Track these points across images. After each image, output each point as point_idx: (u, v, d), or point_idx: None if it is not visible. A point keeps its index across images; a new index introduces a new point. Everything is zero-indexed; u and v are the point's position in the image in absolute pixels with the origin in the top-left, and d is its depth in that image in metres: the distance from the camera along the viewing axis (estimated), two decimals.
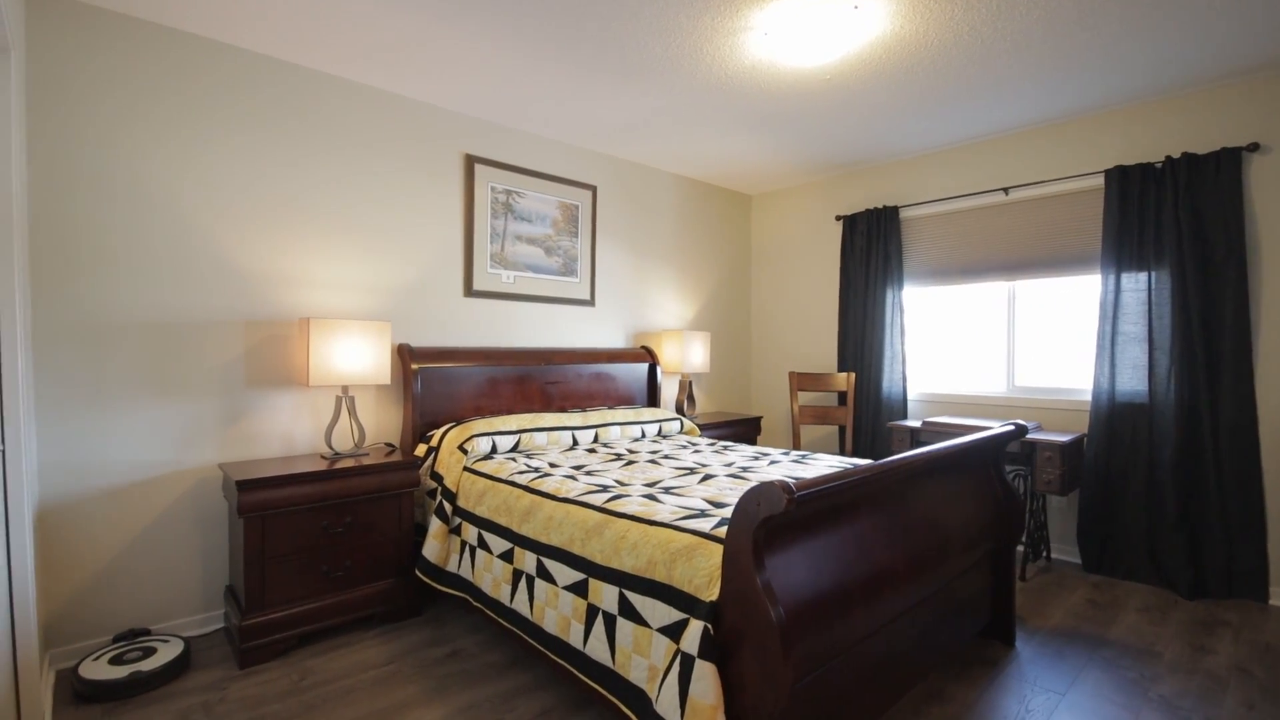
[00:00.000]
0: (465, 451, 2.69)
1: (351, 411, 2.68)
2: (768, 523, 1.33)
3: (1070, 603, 2.78)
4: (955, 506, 2.12)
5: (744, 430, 4.19)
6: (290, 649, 2.34)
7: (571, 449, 2.99)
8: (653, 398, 3.99)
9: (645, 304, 4.18)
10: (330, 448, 2.64)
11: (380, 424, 2.97)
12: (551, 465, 2.59)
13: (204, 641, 2.42)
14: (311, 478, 2.36)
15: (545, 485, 2.24)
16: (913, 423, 3.54)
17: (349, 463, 2.51)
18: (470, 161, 3.25)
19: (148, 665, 2.13)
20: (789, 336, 4.70)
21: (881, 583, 1.68)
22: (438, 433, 2.83)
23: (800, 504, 1.34)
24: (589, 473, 2.46)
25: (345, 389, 2.66)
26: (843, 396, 4.19)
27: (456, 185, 3.23)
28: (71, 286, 2.23)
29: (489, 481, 2.44)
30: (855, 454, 4.12)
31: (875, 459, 3.98)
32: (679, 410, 4.09)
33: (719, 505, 1.96)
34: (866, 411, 4.08)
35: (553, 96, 3.04)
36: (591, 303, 3.83)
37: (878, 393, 4.01)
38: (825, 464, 2.65)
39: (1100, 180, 3.23)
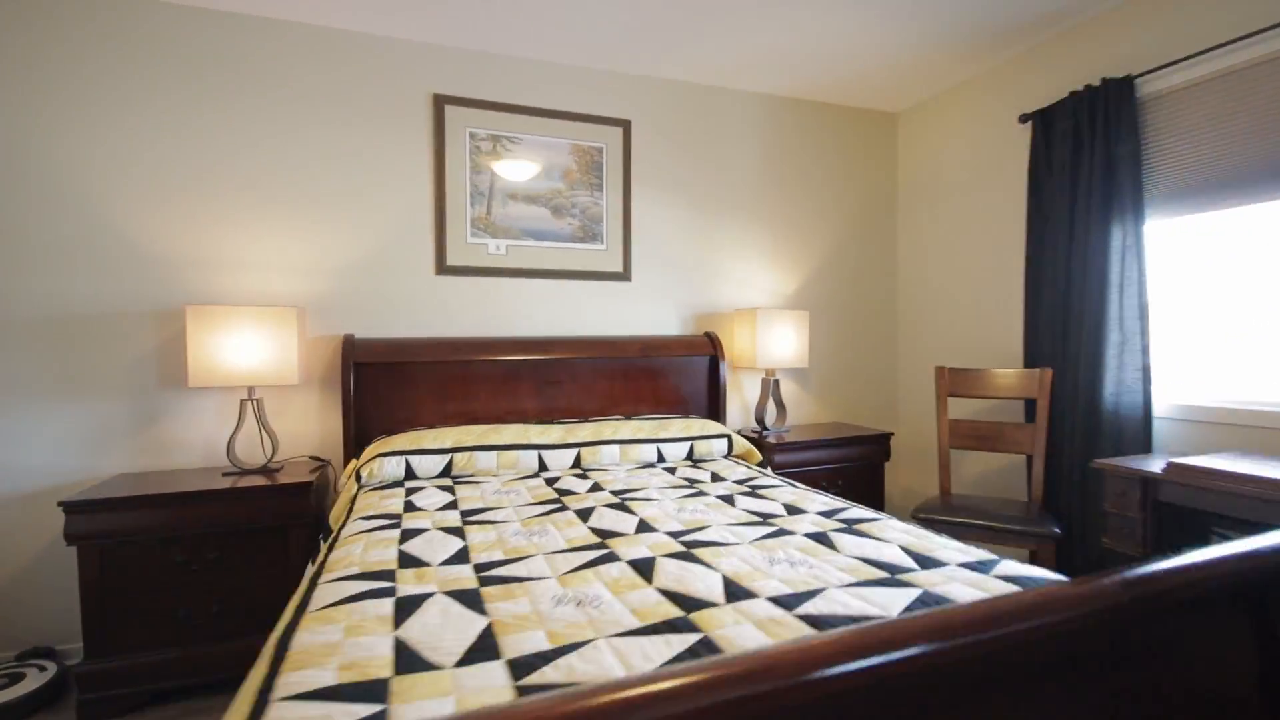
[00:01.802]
0: (359, 478, 2.02)
1: (259, 418, 2.21)
2: None
3: None
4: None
5: (861, 453, 2.85)
6: (139, 706, 1.93)
7: (529, 477, 2.14)
8: (716, 403, 2.89)
9: (715, 276, 3.08)
10: (233, 462, 2.19)
11: (324, 434, 2.48)
12: (438, 508, 1.77)
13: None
14: (160, 501, 1.91)
15: (334, 560, 1.43)
16: (1149, 464, 1.90)
17: (226, 483, 2.02)
18: (439, 103, 2.57)
19: (6, 694, 1.89)
20: (946, 316, 3.13)
21: None
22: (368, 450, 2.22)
23: None
24: (465, 525, 1.59)
25: (250, 390, 2.20)
26: (1031, 407, 2.58)
27: (423, 135, 2.58)
28: None
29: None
30: (1048, 508, 2.48)
31: (1073, 528, 2.35)
32: (760, 422, 2.92)
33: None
34: (1071, 434, 2.41)
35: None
36: (625, 275, 2.89)
37: (1093, 402, 2.34)
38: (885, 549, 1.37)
39: None
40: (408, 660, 0.92)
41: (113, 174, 2.21)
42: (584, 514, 1.69)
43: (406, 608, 1.10)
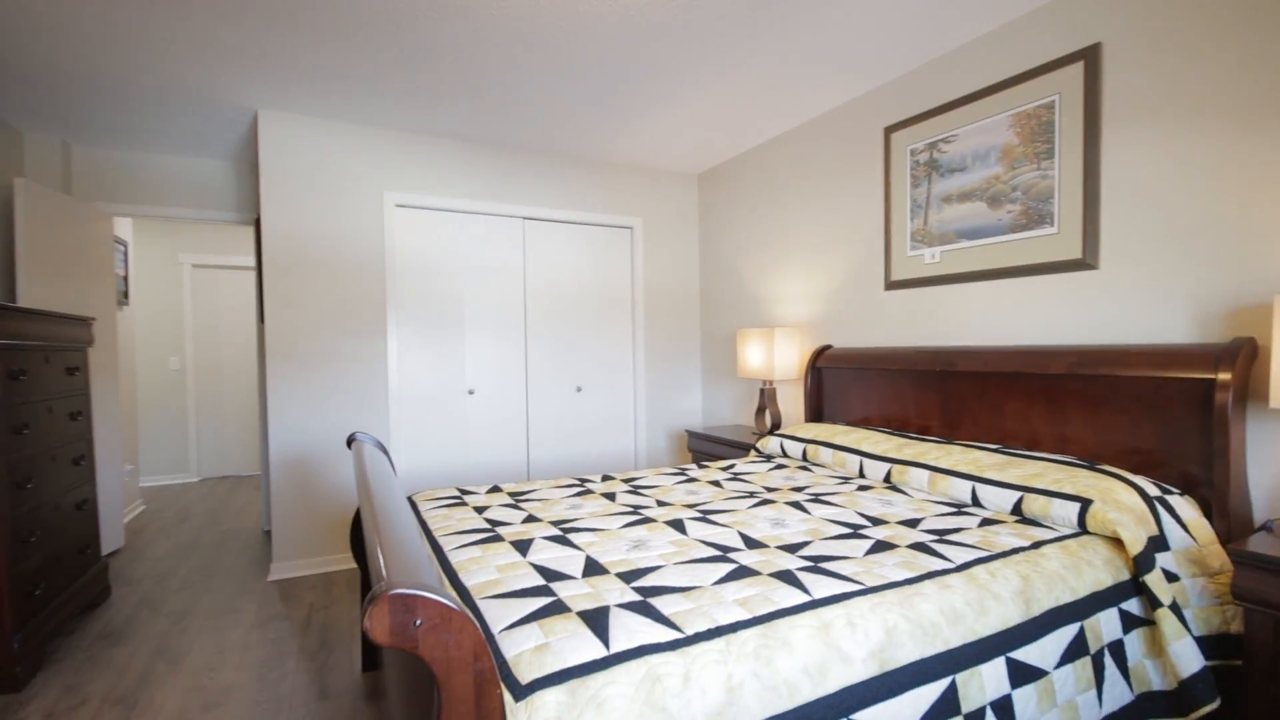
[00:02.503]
0: (757, 450, 2.88)
1: (772, 400, 3.35)
2: None
3: None
4: None
5: None
6: None
7: (846, 481, 2.36)
8: (1217, 461, 1.69)
9: (1264, 239, 1.68)
10: (756, 427, 3.43)
11: (801, 415, 3.28)
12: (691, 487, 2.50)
13: None
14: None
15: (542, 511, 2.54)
16: None
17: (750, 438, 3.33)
18: (887, 134, 2.82)
19: None
20: None
21: None
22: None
23: None
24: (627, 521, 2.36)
25: (768, 383, 3.37)
26: None
27: (875, 168, 2.90)
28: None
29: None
30: None
31: None
32: None
33: None
34: None
35: None
36: (1087, 262, 2.10)
37: None
38: None
39: None
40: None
41: (747, 247, 3.86)
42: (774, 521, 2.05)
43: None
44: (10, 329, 2.17)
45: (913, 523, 1.75)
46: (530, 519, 1.82)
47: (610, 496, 2.11)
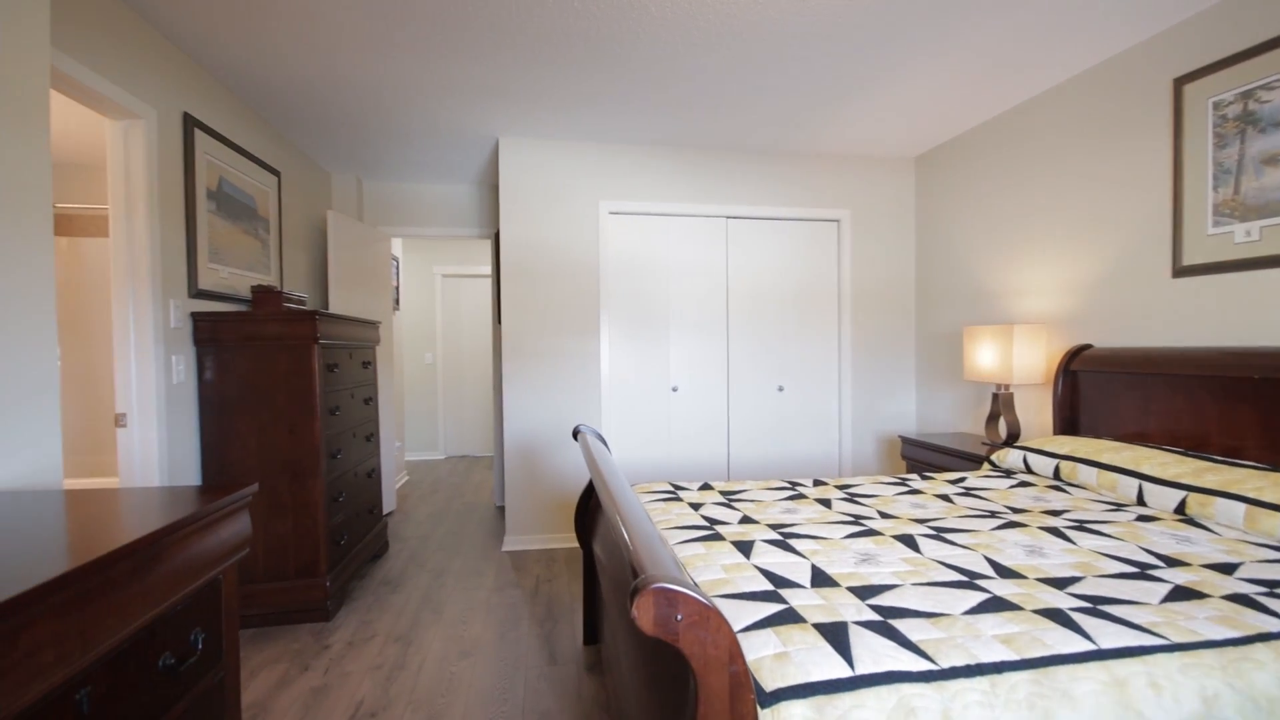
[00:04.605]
0: (993, 463, 2.55)
1: (1008, 407, 2.95)
2: None
3: None
4: None
5: None
6: None
7: (1119, 509, 1.99)
8: None
9: None
10: (987, 436, 3.04)
11: (1043, 426, 2.80)
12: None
13: None
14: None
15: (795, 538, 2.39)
16: None
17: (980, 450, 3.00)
18: (1178, 87, 2.30)
19: None
20: None
21: None
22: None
23: None
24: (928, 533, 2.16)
25: (1004, 387, 2.97)
26: None
27: (1158, 129, 2.37)
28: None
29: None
30: None
31: None
32: None
33: None
34: None
35: None
36: None
37: None
38: None
39: None
40: None
41: (975, 235, 3.45)
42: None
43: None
44: (329, 331, 2.73)
45: (1226, 568, 1.40)
46: (746, 520, 1.82)
47: (825, 503, 2.03)
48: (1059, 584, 1.33)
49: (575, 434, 2.38)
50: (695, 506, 1.98)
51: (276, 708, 2.02)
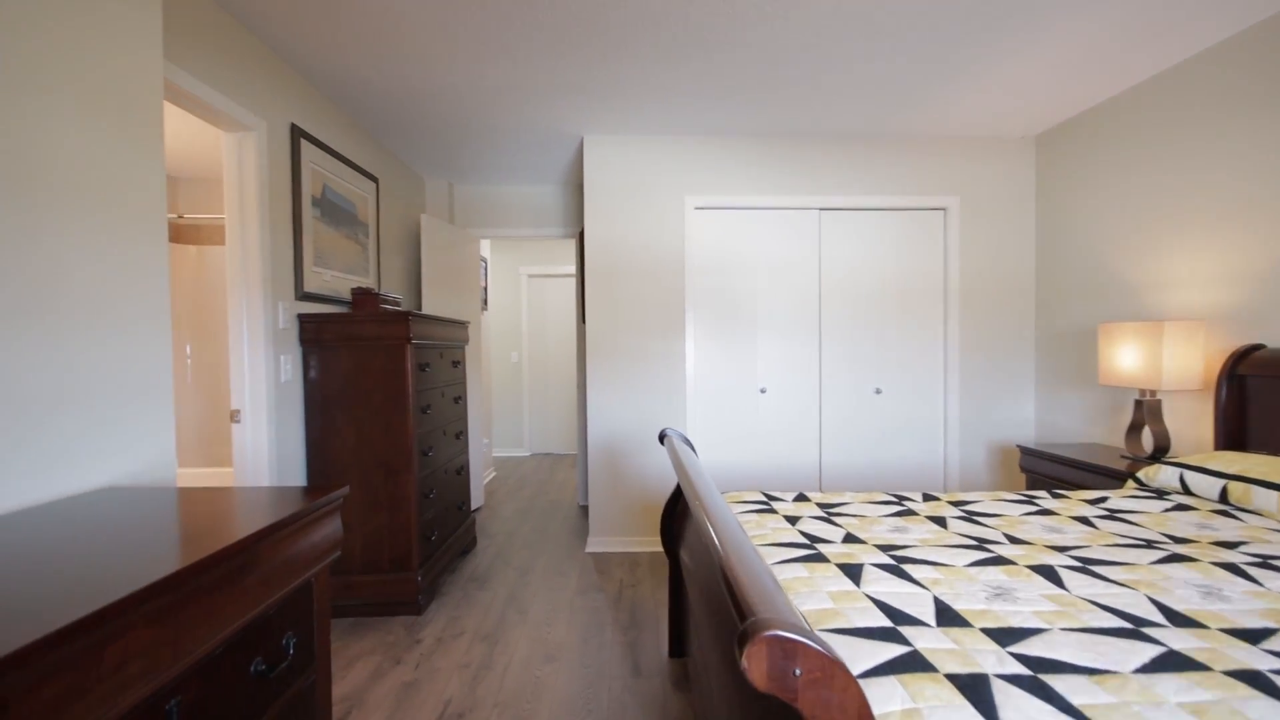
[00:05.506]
0: (1139, 481, 2.22)
1: (1154, 416, 2.58)
2: None
3: None
4: None
5: None
6: None
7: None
8: None
9: None
10: (1128, 448, 2.66)
11: (1200, 441, 2.40)
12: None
13: None
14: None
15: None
16: None
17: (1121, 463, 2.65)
18: None
19: None
20: None
21: None
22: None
23: None
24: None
25: (1150, 393, 2.60)
26: None
27: None
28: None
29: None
30: None
31: None
32: None
33: None
34: None
35: None
36: None
37: None
38: None
39: None
40: None
41: (1111, 221, 3.05)
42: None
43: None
44: (421, 331, 2.79)
45: None
46: (850, 538, 1.65)
47: (939, 522, 1.82)
48: (1251, 637, 1.09)
49: (661, 438, 2.29)
50: (791, 520, 1.83)
51: (370, 700, 2.06)
